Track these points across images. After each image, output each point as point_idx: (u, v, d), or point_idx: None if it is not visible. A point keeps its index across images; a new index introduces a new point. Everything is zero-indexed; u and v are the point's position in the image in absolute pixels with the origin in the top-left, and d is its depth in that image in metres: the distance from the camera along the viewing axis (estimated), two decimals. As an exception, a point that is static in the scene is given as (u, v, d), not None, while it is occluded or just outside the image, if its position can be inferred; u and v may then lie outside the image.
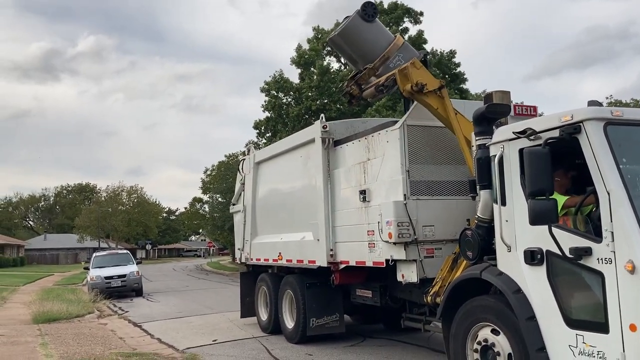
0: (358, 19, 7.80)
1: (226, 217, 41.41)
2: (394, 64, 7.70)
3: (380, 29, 8.10)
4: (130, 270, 22.66)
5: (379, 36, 7.96)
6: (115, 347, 10.47)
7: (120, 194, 72.18)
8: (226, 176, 43.39)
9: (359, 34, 7.88)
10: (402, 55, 7.75)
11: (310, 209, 9.48)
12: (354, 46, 8.09)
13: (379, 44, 7.85)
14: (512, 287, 5.34)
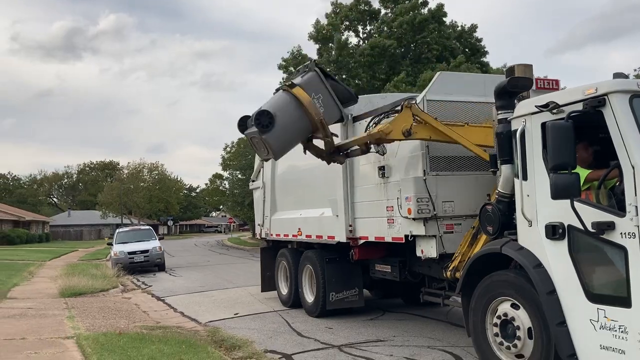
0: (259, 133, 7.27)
1: (246, 194, 41.71)
2: (328, 111, 7.61)
3: (287, 116, 7.35)
4: (153, 246, 22.99)
5: (294, 117, 7.40)
6: (139, 320, 10.70)
7: (142, 171, 72.87)
8: (245, 153, 43.54)
9: (278, 136, 7.36)
10: (320, 98, 7.56)
11: (329, 185, 9.49)
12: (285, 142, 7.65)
13: (301, 121, 7.44)
14: (532, 262, 5.32)
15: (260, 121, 7.14)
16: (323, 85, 7.61)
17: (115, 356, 7.15)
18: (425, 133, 6.90)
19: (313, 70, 7.65)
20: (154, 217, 77.37)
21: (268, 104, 7.53)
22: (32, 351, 7.67)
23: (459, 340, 7.82)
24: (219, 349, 8.02)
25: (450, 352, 7.29)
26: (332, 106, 7.67)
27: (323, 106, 7.56)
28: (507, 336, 5.68)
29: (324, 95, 7.60)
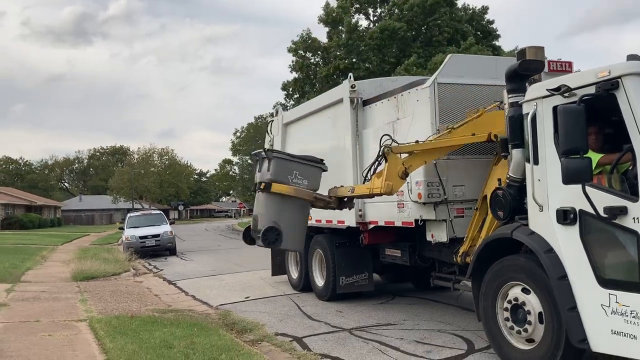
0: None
1: (256, 178, 41.81)
2: (312, 178, 7.52)
3: (285, 215, 7.34)
4: (164, 230, 23.15)
5: (291, 210, 7.40)
6: (151, 303, 10.81)
7: (152, 156, 73.20)
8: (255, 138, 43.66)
9: (290, 238, 7.38)
10: (297, 174, 7.41)
11: (339, 170, 9.40)
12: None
13: (300, 208, 7.49)
14: (543, 247, 5.29)
15: (268, 239, 7.19)
16: (291, 161, 7.46)
17: (128, 339, 7.24)
18: (420, 160, 6.88)
19: (273, 158, 7.40)
20: (165, 202, 77.89)
21: (263, 214, 7.38)
22: (46, 333, 7.79)
23: (469, 324, 7.84)
24: (230, 331, 8.09)
25: (461, 335, 7.31)
26: (312, 170, 7.57)
27: (305, 178, 7.42)
28: (518, 321, 5.65)
29: (299, 168, 7.42)
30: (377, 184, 6.91)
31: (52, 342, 7.32)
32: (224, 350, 6.59)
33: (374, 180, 7.02)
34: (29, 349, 6.90)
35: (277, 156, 7.38)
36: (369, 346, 7.05)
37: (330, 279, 9.71)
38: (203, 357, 6.30)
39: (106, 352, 6.72)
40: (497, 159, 6.76)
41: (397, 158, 6.83)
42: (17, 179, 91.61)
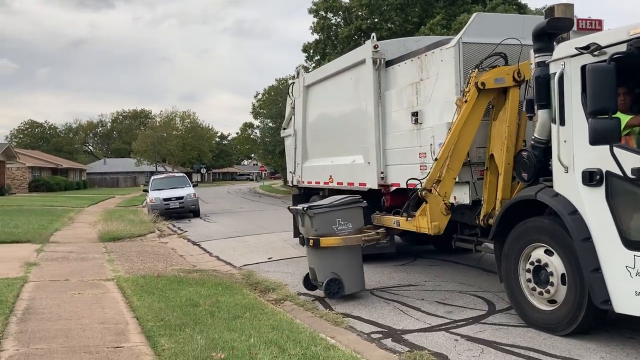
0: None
1: (277, 142, 41.79)
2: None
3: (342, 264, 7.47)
4: (187, 193, 23.40)
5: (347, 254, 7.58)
6: (176, 264, 11.02)
7: (174, 119, 73.57)
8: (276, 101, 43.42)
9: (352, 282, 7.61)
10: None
11: (360, 132, 9.39)
12: None
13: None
14: (568, 209, 5.23)
15: (331, 291, 7.31)
16: (331, 212, 7.46)
17: (154, 297, 7.41)
18: (449, 179, 6.93)
19: (313, 215, 7.39)
20: (187, 164, 78.56)
21: (320, 267, 7.48)
22: (76, 292, 8.01)
23: (491, 286, 7.87)
24: (254, 291, 8.23)
25: (482, 296, 7.34)
26: (353, 211, 7.67)
27: (349, 222, 7.51)
28: (540, 282, 5.65)
29: (341, 215, 7.48)
30: (424, 224, 7.05)
31: (82, 300, 7.53)
32: (247, 308, 6.72)
33: (419, 220, 7.15)
34: (59, 307, 7.11)
35: (317, 212, 7.34)
36: (390, 306, 7.13)
37: None
38: (228, 315, 6.43)
39: (134, 310, 6.89)
40: (494, 112, 6.76)
41: (436, 197, 6.83)
42: (42, 142, 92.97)
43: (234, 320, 6.19)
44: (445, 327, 6.11)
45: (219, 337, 5.51)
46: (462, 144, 6.76)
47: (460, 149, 6.77)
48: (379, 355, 5.27)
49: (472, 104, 6.61)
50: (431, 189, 6.83)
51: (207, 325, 6.01)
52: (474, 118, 6.68)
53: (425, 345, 5.54)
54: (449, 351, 5.34)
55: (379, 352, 5.40)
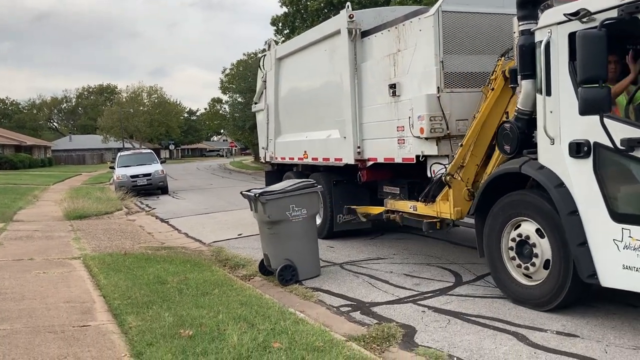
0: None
1: (247, 117, 41.40)
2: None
3: (298, 240, 7.30)
4: (155, 169, 23.07)
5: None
6: (145, 241, 10.88)
7: (141, 95, 72.20)
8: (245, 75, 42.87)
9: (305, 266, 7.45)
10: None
11: (336, 106, 9.14)
12: None
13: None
14: (553, 181, 5.12)
15: (285, 278, 7.15)
16: (284, 197, 7.20)
17: (122, 275, 7.29)
18: (472, 166, 6.66)
19: (265, 202, 7.10)
20: (155, 141, 77.44)
21: (273, 254, 7.28)
22: (41, 271, 7.82)
23: (458, 258, 7.97)
24: (223, 267, 8.19)
25: (449, 269, 7.43)
26: (307, 197, 7.42)
27: (304, 207, 7.27)
28: (524, 256, 5.56)
29: (295, 201, 7.24)
30: (445, 209, 6.81)
31: (47, 279, 7.36)
32: (216, 285, 6.68)
33: (440, 205, 6.90)
34: (23, 286, 6.93)
35: (270, 198, 7.09)
36: (359, 279, 7.17)
37: (328, 217, 9.59)
38: (196, 291, 6.38)
39: (100, 288, 6.77)
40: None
41: (460, 183, 6.62)
42: (3, 118, 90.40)
43: (202, 296, 6.16)
44: (412, 299, 6.18)
45: (187, 314, 5.47)
46: (487, 131, 6.50)
47: (485, 135, 6.52)
48: (348, 328, 5.32)
49: (499, 92, 6.37)
50: (454, 175, 6.62)
51: (175, 302, 5.96)
52: (500, 105, 6.42)
53: (393, 317, 5.61)
54: (417, 322, 5.41)
55: (348, 324, 5.46)
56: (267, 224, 7.22)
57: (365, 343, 4.85)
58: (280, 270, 7.09)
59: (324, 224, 9.79)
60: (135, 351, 4.64)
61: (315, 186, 7.47)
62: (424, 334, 5.10)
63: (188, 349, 4.54)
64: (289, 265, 7.13)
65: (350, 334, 5.07)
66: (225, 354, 4.39)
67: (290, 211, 7.15)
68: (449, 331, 5.13)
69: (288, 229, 7.16)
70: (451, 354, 4.56)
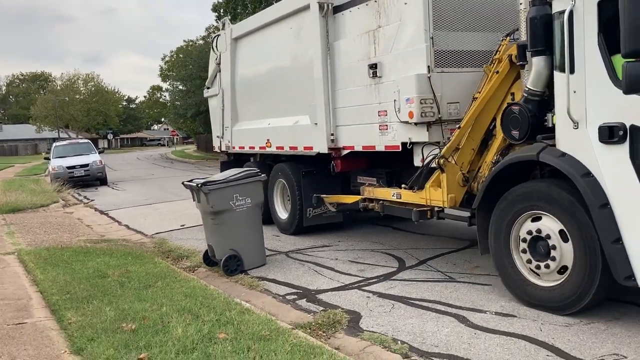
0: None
1: (188, 105, 40.68)
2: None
3: (244, 233, 7.25)
4: (93, 160, 22.40)
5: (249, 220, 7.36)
6: (83, 234, 10.55)
7: (76, 83, 69.60)
8: (186, 63, 42.03)
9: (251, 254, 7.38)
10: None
11: (305, 90, 8.34)
12: None
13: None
14: (579, 170, 4.53)
15: (230, 268, 7.05)
16: (226, 187, 7.11)
17: (59, 270, 7.04)
18: (468, 149, 6.08)
19: (208, 192, 6.98)
20: (93, 130, 75.02)
21: (218, 243, 7.17)
22: (-30, 268, 7.50)
23: (401, 244, 8.11)
24: (166, 259, 8.05)
25: (393, 254, 7.55)
26: (251, 186, 7.34)
27: (247, 196, 7.20)
28: (539, 255, 4.96)
29: (238, 190, 7.15)
30: (437, 196, 6.16)
31: (-23, 276, 7.07)
32: (159, 277, 6.56)
33: (430, 192, 6.23)
34: (-49, 284, 6.65)
35: (213, 188, 6.95)
36: (305, 267, 7.21)
37: (297, 210, 8.85)
38: (138, 284, 6.25)
39: (37, 284, 6.53)
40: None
41: (454, 167, 6.01)
42: None
43: (145, 289, 6.05)
44: (358, 285, 6.26)
45: (129, 307, 5.37)
46: (485, 114, 5.95)
47: (484, 119, 5.97)
48: (294, 316, 5.34)
49: (503, 75, 5.81)
50: (449, 158, 5.99)
51: (116, 296, 5.83)
52: (502, 89, 5.89)
53: (339, 303, 5.67)
54: (362, 308, 5.49)
55: (294, 312, 5.49)
56: (210, 214, 7.13)
57: (312, 330, 4.88)
58: (225, 261, 7.03)
59: (292, 218, 9.09)
60: (76, 347, 4.52)
61: (259, 175, 7.42)
62: (369, 319, 5.18)
63: (131, 342, 4.45)
64: (234, 256, 7.08)
65: (297, 321, 5.10)
66: (170, 346, 4.33)
67: (234, 201, 7.09)
68: (393, 315, 5.22)
69: (232, 218, 7.10)
70: (395, 338, 4.65)
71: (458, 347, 4.42)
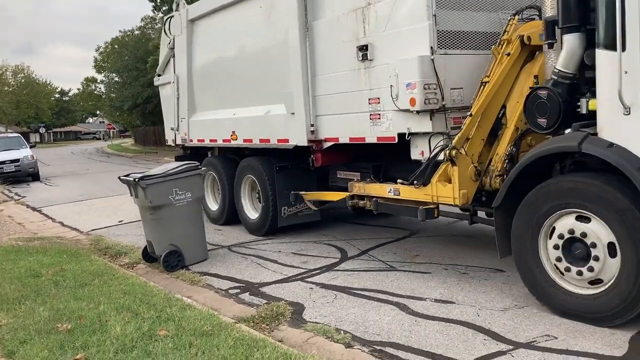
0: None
1: (124, 97, 39.60)
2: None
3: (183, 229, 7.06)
4: (24, 155, 21.47)
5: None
6: (14, 232, 10.10)
7: (5, 74, 66.38)
8: (122, 53, 40.84)
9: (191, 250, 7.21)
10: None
11: (279, 76, 7.60)
12: None
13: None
14: (634, 163, 4.02)
15: (171, 264, 6.87)
16: (165, 181, 6.94)
17: (-12, 270, 6.76)
18: (478, 140, 5.50)
19: (145, 187, 6.78)
20: (23, 124, 71.86)
21: (157, 239, 6.99)
22: None
23: (343, 235, 8.15)
24: (104, 256, 7.81)
25: (335, 245, 7.57)
26: (191, 179, 7.15)
27: (188, 190, 7.04)
28: (576, 258, 4.39)
29: (178, 184, 6.98)
30: (446, 192, 5.47)
31: None
32: (96, 275, 6.37)
33: (437, 188, 5.54)
34: None
35: (151, 182, 6.75)
36: (248, 261, 7.16)
37: (270, 210, 8.09)
38: (74, 283, 6.05)
39: (-37, 286, 6.24)
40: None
41: (466, 159, 5.40)
42: None
43: (81, 288, 5.86)
44: (301, 277, 6.27)
45: (65, 307, 5.19)
46: (496, 101, 5.45)
47: (494, 106, 5.46)
48: (237, 310, 5.31)
49: (514, 58, 5.37)
50: (460, 149, 5.38)
51: (50, 295, 5.62)
52: (512, 73, 5.45)
53: (282, 295, 5.66)
54: (305, 299, 5.50)
55: (237, 306, 5.45)
56: (149, 210, 6.96)
57: (255, 324, 4.86)
58: (165, 257, 6.89)
59: (264, 219, 8.29)
60: (7, 351, 4.33)
61: (199, 168, 7.30)
62: (312, 310, 5.20)
63: (66, 343, 4.31)
64: (174, 251, 6.95)
65: (240, 315, 5.06)
66: (108, 345, 4.22)
67: (173, 195, 6.94)
68: (335, 306, 5.26)
69: (172, 213, 6.96)
70: (338, 328, 4.69)
71: (399, 334, 4.50)
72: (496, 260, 5.44)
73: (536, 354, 4.00)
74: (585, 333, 4.26)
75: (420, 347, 4.24)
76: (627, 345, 4.03)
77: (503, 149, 5.36)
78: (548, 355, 3.97)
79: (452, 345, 4.22)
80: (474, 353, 4.08)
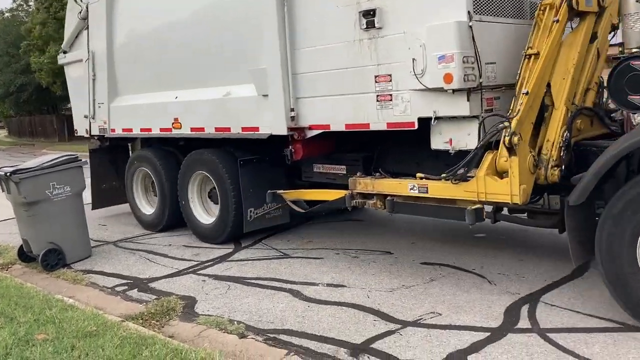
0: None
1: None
2: None
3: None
4: None
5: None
6: None
7: None
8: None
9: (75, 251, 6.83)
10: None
11: (245, 49, 6.23)
12: None
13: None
14: None
15: (50, 263, 6.46)
16: (41, 175, 6.51)
17: None
18: (528, 123, 4.45)
19: (18, 181, 6.32)
20: None
21: (33, 238, 6.55)
22: None
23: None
24: (-28, 258, 7.20)
25: (227, 236, 7.53)
26: (70, 172, 6.77)
27: (66, 184, 6.67)
28: None
29: (55, 177, 6.60)
30: (500, 189, 4.38)
31: None
32: (-38, 278, 5.85)
33: (486, 184, 4.44)
34: None
35: (24, 176, 6.28)
36: (136, 256, 6.88)
37: (231, 213, 6.78)
38: (-64, 289, 5.51)
39: None
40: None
41: (525, 147, 4.37)
42: None
43: (-55, 295, 5.33)
44: (193, 270, 6.14)
45: None
46: (545, 77, 4.54)
47: (542, 83, 4.54)
48: (124, 308, 5.11)
49: (563, 25, 4.50)
50: (520, 135, 4.31)
51: None
52: (558, 43, 4.58)
53: (173, 290, 5.52)
54: (197, 292, 5.39)
55: (124, 304, 5.24)
56: (23, 206, 6.47)
57: (144, 320, 4.70)
58: (44, 256, 6.45)
59: (223, 223, 6.95)
60: None
61: (78, 160, 6.88)
62: (205, 302, 5.10)
63: None
64: (53, 249, 6.52)
65: (127, 313, 4.87)
66: (-22, 355, 3.88)
67: (50, 189, 6.50)
68: (229, 297, 5.20)
69: (49, 209, 6.52)
70: (232, 319, 4.64)
71: (293, 321, 4.53)
72: (385, 243, 5.62)
73: (422, 330, 4.18)
74: (466, 308, 4.52)
75: (313, 332, 4.29)
76: (503, 317, 4.32)
77: (554, 134, 4.49)
78: (433, 331, 4.16)
79: (344, 328, 4.32)
80: (365, 334, 4.19)
